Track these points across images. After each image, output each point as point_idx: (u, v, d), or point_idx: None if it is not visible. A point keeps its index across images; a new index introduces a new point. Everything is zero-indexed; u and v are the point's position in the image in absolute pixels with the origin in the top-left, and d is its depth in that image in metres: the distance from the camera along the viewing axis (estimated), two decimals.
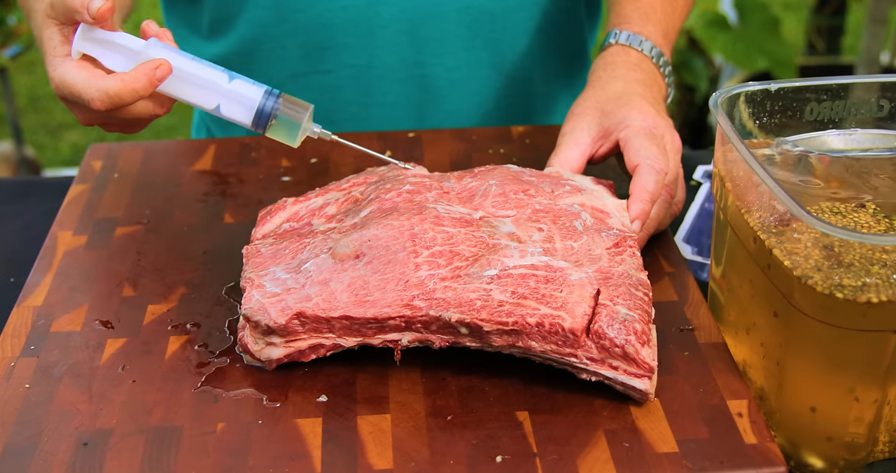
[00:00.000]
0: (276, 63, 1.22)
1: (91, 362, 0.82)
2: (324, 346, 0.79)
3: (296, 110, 0.89)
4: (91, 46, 0.87)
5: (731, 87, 0.87)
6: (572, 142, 0.96)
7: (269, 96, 0.88)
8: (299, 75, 1.23)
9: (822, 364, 0.75)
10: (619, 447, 0.73)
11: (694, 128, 2.96)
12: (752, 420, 0.76)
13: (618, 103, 0.96)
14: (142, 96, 0.86)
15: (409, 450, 0.73)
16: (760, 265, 0.77)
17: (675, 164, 0.95)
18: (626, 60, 1.02)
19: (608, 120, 0.95)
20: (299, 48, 1.21)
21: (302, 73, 1.22)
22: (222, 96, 0.88)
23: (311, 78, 1.23)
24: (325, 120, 1.25)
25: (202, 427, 0.75)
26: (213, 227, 0.99)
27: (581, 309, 0.76)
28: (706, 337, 0.84)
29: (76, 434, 0.75)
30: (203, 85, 0.88)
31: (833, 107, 0.89)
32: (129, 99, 0.85)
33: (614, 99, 0.97)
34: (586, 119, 0.96)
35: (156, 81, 0.85)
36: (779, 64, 2.70)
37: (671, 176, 0.94)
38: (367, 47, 1.20)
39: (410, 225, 0.82)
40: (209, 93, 0.88)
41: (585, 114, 0.97)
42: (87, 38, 0.87)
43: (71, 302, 0.88)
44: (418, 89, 1.24)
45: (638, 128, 0.93)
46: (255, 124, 0.89)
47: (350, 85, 1.23)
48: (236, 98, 0.88)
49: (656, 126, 0.94)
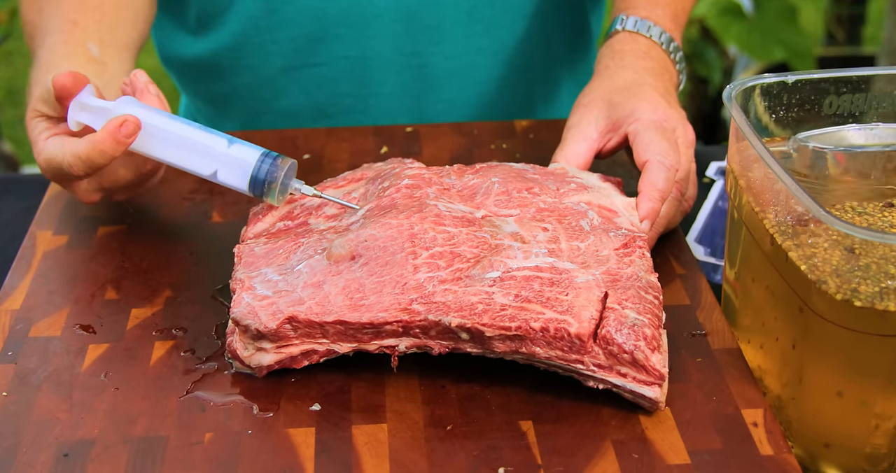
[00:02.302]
0: (268, 57, 1.23)
1: (72, 369, 0.81)
2: (317, 352, 0.79)
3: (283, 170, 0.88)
4: (84, 114, 0.89)
5: (746, 79, 0.86)
6: (579, 135, 0.96)
7: (265, 160, 0.88)
8: (292, 69, 1.23)
9: (842, 370, 0.75)
10: (627, 458, 0.73)
11: (707, 123, 2.96)
12: (768, 430, 0.76)
13: (626, 94, 0.96)
14: (112, 156, 0.86)
15: (406, 462, 0.73)
16: (777, 267, 0.77)
17: (687, 159, 0.95)
18: (634, 48, 1.02)
19: (616, 112, 0.95)
20: (291, 41, 1.21)
21: (295, 66, 1.23)
22: (219, 162, 0.88)
23: (305, 71, 1.23)
24: (321, 113, 1.26)
25: (189, 437, 0.75)
26: (201, 227, 0.99)
27: (588, 313, 0.76)
28: (720, 342, 0.84)
29: (56, 445, 0.75)
30: (198, 150, 0.88)
31: (853, 101, 0.89)
32: (101, 160, 0.86)
33: (623, 89, 0.96)
34: (593, 111, 0.96)
35: (122, 138, 0.85)
36: (796, 54, 2.70)
37: (682, 171, 0.93)
38: (361, 38, 1.20)
39: (410, 224, 0.82)
40: (200, 157, 0.88)
41: (592, 106, 0.97)
42: (80, 107, 0.88)
43: (51, 305, 0.88)
44: (416, 79, 1.24)
45: (648, 121, 0.93)
46: (252, 189, 0.88)
47: (345, 77, 1.23)
48: (234, 163, 0.88)
49: (667, 118, 0.94)
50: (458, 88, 1.26)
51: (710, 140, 2.92)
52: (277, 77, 1.23)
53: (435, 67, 1.23)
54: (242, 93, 1.27)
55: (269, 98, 1.26)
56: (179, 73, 1.33)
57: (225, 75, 1.26)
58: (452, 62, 1.23)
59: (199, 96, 1.32)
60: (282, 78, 1.23)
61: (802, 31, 2.79)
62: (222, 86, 1.28)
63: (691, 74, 2.89)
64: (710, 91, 2.93)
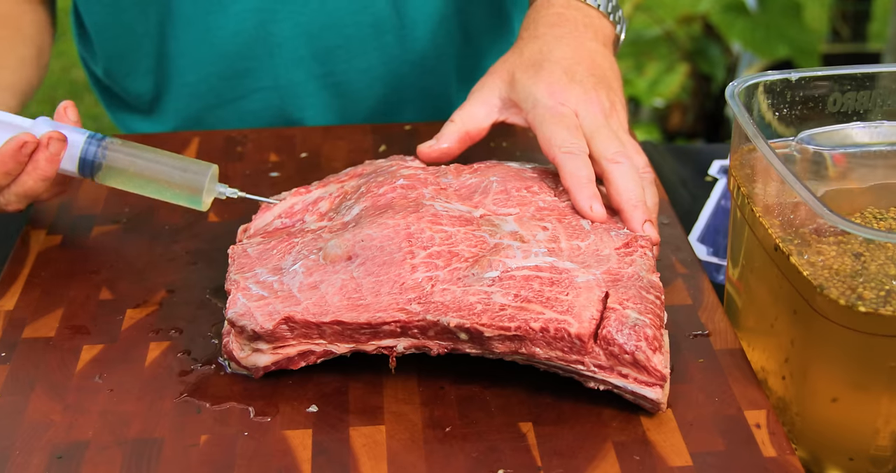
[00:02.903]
0: (186, 99, 1.24)
1: (66, 370, 0.81)
2: (314, 353, 0.79)
3: (200, 171, 0.89)
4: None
5: (750, 77, 0.86)
6: (480, 99, 0.96)
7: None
8: (213, 107, 1.25)
9: (846, 371, 0.75)
10: (628, 460, 0.73)
11: (710, 120, 2.96)
12: (771, 431, 0.76)
13: (528, 73, 0.94)
14: (12, 175, 0.89)
15: (404, 464, 0.73)
16: (780, 267, 0.77)
17: (616, 129, 0.91)
18: (547, 14, 0.99)
19: (516, 92, 0.94)
20: (203, 82, 1.23)
21: (213, 105, 1.25)
22: None
23: (226, 108, 1.25)
24: None
25: (184, 439, 0.75)
26: (197, 226, 0.99)
27: (588, 313, 0.76)
28: (722, 343, 0.84)
29: (49, 447, 0.75)
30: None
31: (858, 98, 0.89)
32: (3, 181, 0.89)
33: (527, 66, 0.94)
34: (497, 82, 0.96)
35: (22, 158, 0.88)
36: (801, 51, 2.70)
37: (611, 146, 0.89)
38: (270, 69, 1.22)
39: (406, 224, 0.82)
40: None
41: (496, 77, 0.96)
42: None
43: (44, 305, 0.88)
44: (336, 97, 1.25)
45: (543, 108, 0.91)
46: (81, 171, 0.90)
47: (266, 108, 1.25)
48: None
49: (565, 101, 0.91)
50: (382, 96, 1.26)
51: (712, 138, 2.92)
52: (203, 117, 1.25)
53: (351, 83, 1.24)
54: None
55: None
56: (108, 106, 1.35)
57: (152, 119, 1.29)
58: (367, 75, 1.24)
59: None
60: (208, 117, 1.25)
61: (807, 28, 2.79)
62: (153, 127, 1.30)
63: (694, 71, 2.89)
64: (713, 88, 2.93)
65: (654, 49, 2.93)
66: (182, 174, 0.89)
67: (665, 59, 2.90)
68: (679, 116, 2.93)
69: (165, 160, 0.90)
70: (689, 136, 2.90)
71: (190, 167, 0.89)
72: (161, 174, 0.89)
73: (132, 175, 0.90)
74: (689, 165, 1.23)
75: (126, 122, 1.32)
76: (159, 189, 0.90)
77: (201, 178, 0.89)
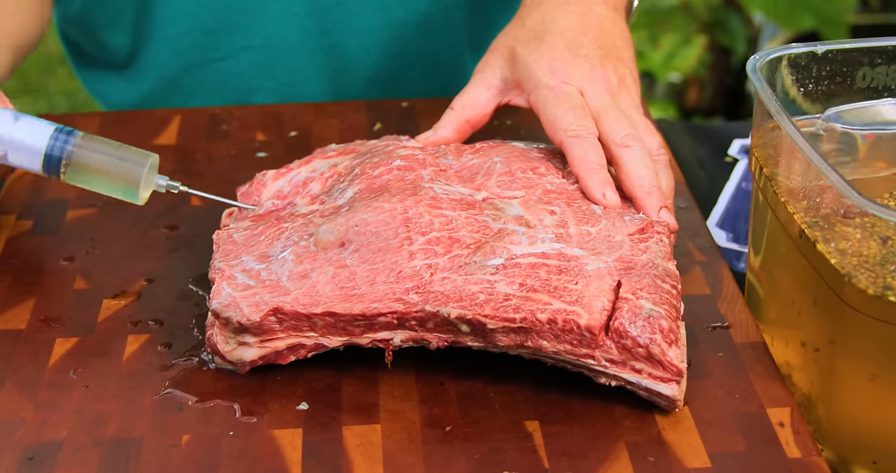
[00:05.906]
0: (166, 56, 1.23)
1: (37, 365, 0.81)
2: (304, 347, 0.79)
3: (136, 161, 0.87)
4: None
5: (773, 50, 0.86)
6: (481, 82, 0.95)
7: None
8: (192, 67, 1.24)
9: (877, 366, 0.75)
10: (642, 461, 0.73)
11: (730, 97, 2.96)
12: (795, 430, 0.76)
13: (529, 48, 0.93)
14: None
15: (402, 466, 0.73)
16: (806, 254, 0.77)
17: (626, 108, 0.91)
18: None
19: (517, 70, 0.93)
20: (185, 36, 1.21)
21: (194, 64, 1.24)
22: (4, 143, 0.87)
23: (207, 68, 1.24)
24: None
25: (165, 439, 0.75)
26: (178, 211, 0.99)
27: (599, 303, 0.76)
28: (743, 335, 0.84)
29: (20, 448, 0.75)
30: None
31: (889, 73, 0.89)
32: None
33: (528, 40, 0.94)
34: (498, 60, 0.95)
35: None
36: (827, 22, 2.70)
37: (621, 129, 0.88)
38: (261, 25, 1.21)
39: (404, 207, 0.82)
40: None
41: (498, 54, 0.96)
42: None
43: (14, 296, 0.88)
44: (329, 61, 1.24)
45: (546, 88, 0.91)
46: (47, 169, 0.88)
47: (252, 69, 1.24)
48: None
49: (569, 78, 0.91)
50: (379, 65, 1.25)
51: (733, 115, 2.92)
52: (180, 78, 1.24)
53: (347, 45, 1.23)
54: (150, 99, 1.28)
55: (178, 102, 1.26)
56: (79, 68, 1.34)
57: (128, 78, 1.28)
58: (366, 38, 1.23)
59: (106, 103, 1.33)
60: (185, 78, 1.24)
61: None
62: (128, 95, 1.29)
63: (713, 44, 2.88)
64: (734, 62, 2.92)
65: (670, 20, 2.93)
66: (119, 163, 0.88)
67: (681, 31, 2.90)
68: (696, 92, 2.93)
69: (102, 148, 0.88)
70: (707, 114, 2.90)
71: (128, 156, 0.88)
72: (97, 163, 0.87)
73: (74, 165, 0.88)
74: (707, 145, 1.23)
75: (97, 85, 1.31)
76: (90, 179, 0.88)
77: (139, 169, 0.87)
